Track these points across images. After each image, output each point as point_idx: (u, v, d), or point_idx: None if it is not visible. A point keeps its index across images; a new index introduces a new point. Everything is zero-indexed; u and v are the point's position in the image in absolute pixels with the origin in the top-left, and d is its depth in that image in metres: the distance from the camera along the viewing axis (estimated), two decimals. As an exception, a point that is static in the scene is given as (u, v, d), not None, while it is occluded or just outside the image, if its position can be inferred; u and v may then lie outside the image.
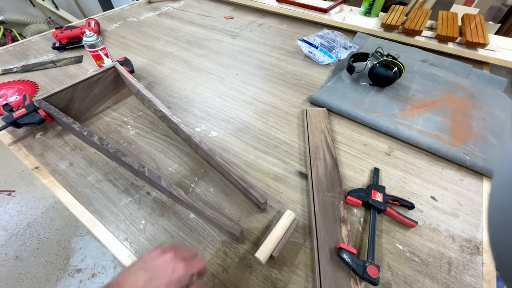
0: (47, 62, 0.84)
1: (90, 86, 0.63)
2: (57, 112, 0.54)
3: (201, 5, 1.25)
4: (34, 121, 0.57)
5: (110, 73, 0.66)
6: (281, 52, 0.90)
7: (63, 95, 0.59)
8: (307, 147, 0.55)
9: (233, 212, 0.46)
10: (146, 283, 0.27)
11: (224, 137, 0.59)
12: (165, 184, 0.43)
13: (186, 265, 0.29)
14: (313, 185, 0.48)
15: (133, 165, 0.46)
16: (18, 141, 0.59)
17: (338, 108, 0.64)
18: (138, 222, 0.45)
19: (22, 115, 0.57)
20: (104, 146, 0.48)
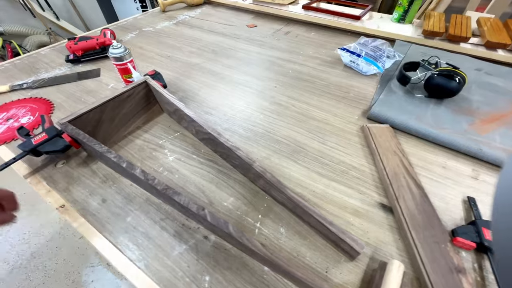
0: (61, 77, 0.75)
1: (119, 105, 0.54)
2: (87, 139, 0.45)
3: (218, 13, 1.19)
4: (58, 149, 0.48)
5: (140, 89, 0.57)
6: (317, 62, 0.83)
7: (91, 116, 0.50)
8: (383, 173, 0.47)
9: (316, 261, 0.37)
10: None
11: (280, 161, 0.51)
12: (235, 232, 0.34)
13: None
14: (406, 222, 0.40)
15: (189, 207, 0.37)
16: (35, 172, 0.50)
17: (404, 124, 0.56)
18: (201, 279, 0.35)
19: (43, 141, 0.48)
20: (149, 182, 0.39)
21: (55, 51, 0.90)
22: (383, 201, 0.45)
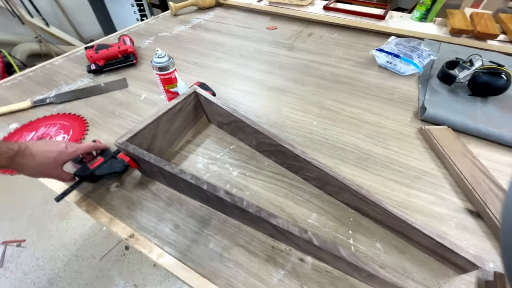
0: (87, 89, 0.69)
1: (172, 118, 0.50)
2: (155, 159, 0.41)
3: (233, 15, 1.15)
4: (118, 170, 0.43)
5: (190, 100, 0.53)
6: (350, 63, 0.81)
7: (147, 132, 0.46)
8: (460, 177, 0.46)
9: (425, 277, 0.35)
10: (44, 145, 0.38)
11: (350, 170, 0.49)
12: (349, 256, 0.31)
13: (76, 146, 0.41)
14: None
15: (290, 230, 0.33)
16: (87, 197, 0.45)
17: (464, 125, 0.56)
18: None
19: (100, 165, 0.43)
20: (237, 204, 0.36)
21: (70, 61, 0.83)
22: (468, 207, 0.43)
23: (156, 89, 0.69)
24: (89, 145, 0.44)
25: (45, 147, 0.38)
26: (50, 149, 0.38)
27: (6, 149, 0.34)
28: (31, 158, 0.36)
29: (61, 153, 0.39)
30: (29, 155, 0.36)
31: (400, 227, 0.37)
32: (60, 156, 0.39)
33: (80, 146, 0.42)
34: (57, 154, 0.38)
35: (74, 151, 0.41)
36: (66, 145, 0.40)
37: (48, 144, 0.39)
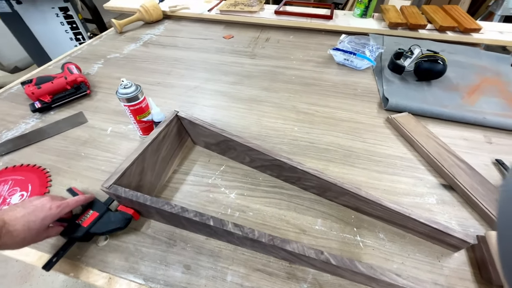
0: (36, 132, 0.60)
1: (158, 148, 0.47)
2: (151, 201, 0.37)
3: (186, 27, 1.11)
4: (121, 226, 0.39)
5: (173, 125, 0.50)
6: (312, 64, 0.86)
7: (134, 169, 0.42)
8: (429, 156, 0.53)
9: (427, 255, 0.40)
10: (24, 216, 0.32)
11: (340, 169, 0.52)
12: (367, 270, 0.33)
13: (61, 205, 0.36)
14: (473, 194, 0.45)
15: (307, 254, 0.34)
16: (73, 259, 0.39)
17: (421, 109, 0.64)
18: (343, 313, 0.34)
19: (95, 221, 0.38)
20: (249, 236, 0.35)
21: (3, 101, 0.71)
22: (441, 182, 0.50)
23: (122, 119, 0.63)
24: (78, 200, 0.39)
25: (25, 218, 0.32)
26: (31, 219, 0.33)
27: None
28: (9, 236, 0.30)
29: (45, 219, 0.34)
30: (7, 234, 0.30)
31: (399, 219, 0.41)
32: (44, 223, 0.34)
33: (67, 202, 0.37)
34: (40, 223, 0.33)
35: (60, 211, 0.36)
36: (50, 206, 0.35)
37: (28, 211, 0.33)
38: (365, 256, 0.39)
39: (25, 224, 0.32)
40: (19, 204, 0.34)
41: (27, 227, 0.32)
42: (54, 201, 0.36)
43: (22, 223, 0.32)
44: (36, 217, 0.33)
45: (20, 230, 0.31)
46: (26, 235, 0.32)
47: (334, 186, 0.42)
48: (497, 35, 0.93)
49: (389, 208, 0.40)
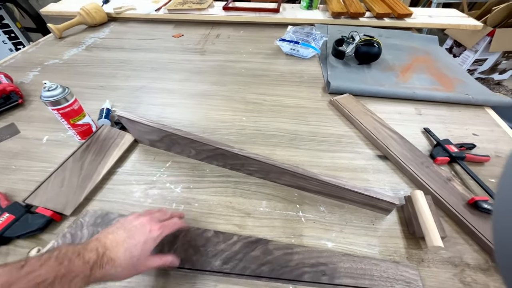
0: (-43, 150, 0.54)
1: (80, 157, 0.45)
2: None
3: (133, 29, 1.07)
4: (37, 228, 0.36)
5: (103, 128, 0.48)
6: (261, 57, 0.87)
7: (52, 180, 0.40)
8: (366, 131, 0.56)
9: (362, 220, 0.42)
10: (125, 240, 0.29)
11: (285, 152, 0.54)
12: None
13: (162, 227, 0.32)
14: (403, 161, 0.49)
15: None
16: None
17: (360, 89, 0.68)
18: None
19: (11, 224, 0.35)
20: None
21: None
22: (377, 153, 0.54)
23: (61, 126, 0.59)
24: (177, 223, 0.35)
25: (126, 242, 0.28)
26: (132, 243, 0.29)
27: (82, 267, 0.25)
28: (111, 266, 0.27)
29: (146, 243, 0.30)
30: (109, 262, 0.27)
31: (336, 191, 0.43)
32: (145, 248, 0.29)
33: (167, 224, 0.33)
34: (141, 248, 0.29)
35: (160, 234, 0.31)
36: (150, 228, 0.31)
37: (129, 234, 0.29)
38: (306, 230, 0.41)
39: (126, 250, 0.28)
40: (119, 225, 0.30)
41: (129, 254, 0.28)
42: (154, 223, 0.32)
43: (123, 250, 0.28)
44: (137, 241, 0.29)
45: (122, 259, 0.27)
46: (127, 264, 0.27)
47: (274, 167, 0.44)
48: (427, 19, 1.02)
49: (325, 182, 0.42)
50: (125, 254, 0.28)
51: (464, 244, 0.39)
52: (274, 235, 0.40)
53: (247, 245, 0.38)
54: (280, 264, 0.36)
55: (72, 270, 0.24)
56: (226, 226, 0.42)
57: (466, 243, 0.39)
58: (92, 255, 0.26)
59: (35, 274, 0.22)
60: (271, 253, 0.37)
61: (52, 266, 0.23)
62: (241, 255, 0.37)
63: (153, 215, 0.34)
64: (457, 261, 0.37)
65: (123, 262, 0.27)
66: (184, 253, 0.37)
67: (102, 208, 0.44)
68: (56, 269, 0.23)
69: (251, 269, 0.35)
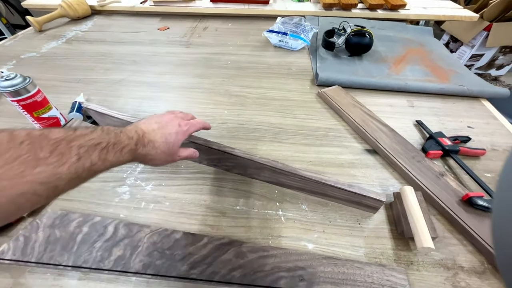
0: None
1: None
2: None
3: (117, 22, 1.03)
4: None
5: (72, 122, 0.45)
6: (249, 49, 0.84)
7: None
8: (355, 124, 0.53)
9: (347, 219, 0.39)
10: (159, 128, 0.31)
11: (267, 147, 0.50)
12: None
13: (188, 123, 0.35)
14: (392, 155, 0.46)
15: None
16: None
17: (349, 81, 0.64)
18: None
19: None
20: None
21: None
22: (366, 147, 0.50)
23: (26, 121, 0.56)
24: (200, 122, 0.38)
25: (161, 130, 0.31)
26: (167, 132, 0.31)
27: (128, 140, 0.26)
28: (152, 146, 0.29)
29: (177, 134, 0.32)
30: (149, 143, 0.29)
31: (318, 188, 0.40)
32: (177, 138, 0.32)
33: (191, 123, 0.36)
34: (174, 137, 0.32)
35: (187, 129, 0.34)
36: (179, 123, 0.34)
37: (162, 125, 0.32)
38: (285, 230, 0.37)
39: (162, 136, 0.30)
40: (149, 119, 0.32)
41: (165, 140, 0.30)
42: (180, 119, 0.34)
43: (160, 135, 0.30)
44: (170, 131, 0.31)
45: (160, 142, 0.30)
46: (164, 148, 0.30)
47: (252, 162, 0.40)
48: (422, 10, 0.99)
49: (306, 177, 0.38)
50: (162, 139, 0.30)
51: (458, 244, 0.36)
52: (249, 236, 0.37)
53: (218, 247, 0.34)
54: (253, 268, 0.32)
55: (121, 141, 0.25)
56: (198, 226, 0.38)
57: (459, 243, 0.36)
58: (133, 134, 0.28)
59: (91, 137, 0.23)
60: (244, 256, 0.33)
61: (102, 135, 0.24)
62: (211, 258, 0.33)
63: (177, 114, 0.36)
64: (449, 264, 0.34)
65: (161, 145, 0.30)
66: (147, 257, 0.33)
67: (64, 208, 0.40)
68: (107, 137, 0.24)
69: (220, 274, 0.32)
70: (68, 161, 0.20)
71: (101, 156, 0.23)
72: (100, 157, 0.22)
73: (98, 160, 0.22)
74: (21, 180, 0.17)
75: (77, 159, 0.20)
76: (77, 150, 0.21)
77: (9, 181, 0.17)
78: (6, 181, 0.16)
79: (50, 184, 0.19)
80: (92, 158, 0.22)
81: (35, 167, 0.18)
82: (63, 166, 0.19)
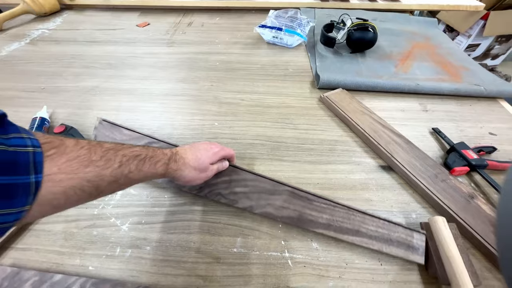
0: None
1: None
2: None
3: (90, 18, 0.92)
4: None
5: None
6: (239, 47, 0.75)
7: None
8: (364, 135, 0.46)
9: (367, 260, 0.32)
10: (191, 149, 0.33)
11: (266, 167, 0.43)
12: None
13: (220, 148, 0.36)
14: (411, 173, 0.40)
15: None
16: None
17: (355, 83, 0.57)
18: None
19: None
20: None
21: None
22: (379, 163, 0.44)
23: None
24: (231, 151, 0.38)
25: (192, 150, 0.33)
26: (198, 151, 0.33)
27: (162, 155, 0.29)
28: (182, 162, 0.31)
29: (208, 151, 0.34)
30: (180, 159, 0.31)
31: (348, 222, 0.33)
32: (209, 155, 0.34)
33: (224, 147, 0.37)
34: (205, 154, 0.33)
35: (219, 150, 0.35)
36: (211, 146, 0.35)
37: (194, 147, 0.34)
38: (294, 278, 0.31)
39: (193, 154, 0.32)
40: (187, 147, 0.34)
41: (195, 157, 0.32)
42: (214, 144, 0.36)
43: (191, 153, 0.32)
44: (202, 150, 0.33)
45: (190, 158, 0.32)
46: (195, 164, 0.32)
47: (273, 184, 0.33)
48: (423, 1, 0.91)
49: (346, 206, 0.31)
50: (193, 156, 0.32)
51: (500, 287, 0.30)
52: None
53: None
54: None
55: (156, 156, 0.28)
56: (186, 278, 0.31)
57: (502, 285, 0.30)
58: (167, 152, 0.30)
59: (134, 149, 0.26)
60: (245, 322, 0.27)
61: (143, 149, 0.27)
62: (203, 329, 0.26)
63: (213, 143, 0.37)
64: (493, 313, 0.28)
65: (191, 161, 0.31)
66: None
67: (17, 259, 0.32)
68: (145, 151, 0.27)
69: None
70: (112, 166, 0.23)
71: (138, 166, 0.25)
72: (138, 166, 0.25)
73: (135, 169, 0.25)
74: (75, 175, 0.20)
75: (119, 166, 0.23)
76: (121, 158, 0.24)
77: (66, 175, 0.19)
78: (64, 175, 0.19)
79: (94, 183, 0.21)
80: (131, 166, 0.24)
81: (87, 167, 0.21)
82: (107, 169, 0.22)
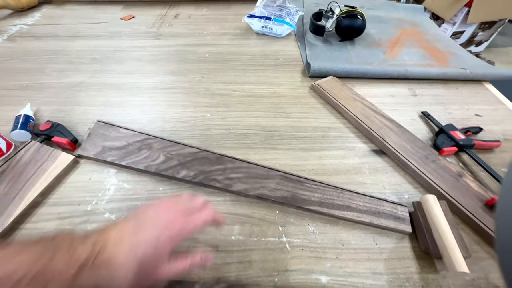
0: None
1: None
2: None
3: (71, 11, 0.88)
4: None
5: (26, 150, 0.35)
6: (228, 38, 0.74)
7: None
8: (356, 121, 0.47)
9: (362, 240, 0.33)
10: (132, 235, 0.21)
11: (261, 156, 0.43)
12: None
13: (186, 221, 0.23)
14: (403, 155, 0.40)
15: None
16: None
17: (345, 70, 0.57)
18: None
19: None
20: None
21: None
22: (372, 147, 0.44)
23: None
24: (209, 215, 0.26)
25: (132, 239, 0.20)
26: (140, 239, 0.20)
27: (65, 267, 0.18)
28: (107, 270, 0.19)
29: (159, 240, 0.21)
30: (103, 265, 0.19)
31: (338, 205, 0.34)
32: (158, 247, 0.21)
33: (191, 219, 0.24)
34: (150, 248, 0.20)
35: (181, 230, 0.22)
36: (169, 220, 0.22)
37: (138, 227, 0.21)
38: (292, 262, 0.31)
39: (131, 249, 0.19)
40: (132, 215, 0.23)
41: (133, 255, 0.19)
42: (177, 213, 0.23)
43: (128, 248, 0.20)
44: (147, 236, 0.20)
45: (122, 261, 0.19)
46: (130, 268, 0.19)
47: (265, 170, 0.33)
48: (410, -14, 0.92)
49: (336, 187, 0.32)
50: (127, 255, 0.19)
51: (488, 258, 0.32)
52: (250, 275, 0.30)
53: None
54: (259, 322, 0.26)
55: (49, 269, 0.17)
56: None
57: (490, 256, 0.32)
58: (84, 251, 0.19)
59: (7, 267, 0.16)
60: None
61: (27, 259, 0.17)
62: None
63: (179, 204, 0.25)
64: (483, 284, 0.30)
65: (123, 266, 0.19)
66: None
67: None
68: (31, 264, 0.17)
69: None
70: None
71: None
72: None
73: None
74: None
75: None
76: None
77: None
78: None
79: None
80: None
81: None
82: None
